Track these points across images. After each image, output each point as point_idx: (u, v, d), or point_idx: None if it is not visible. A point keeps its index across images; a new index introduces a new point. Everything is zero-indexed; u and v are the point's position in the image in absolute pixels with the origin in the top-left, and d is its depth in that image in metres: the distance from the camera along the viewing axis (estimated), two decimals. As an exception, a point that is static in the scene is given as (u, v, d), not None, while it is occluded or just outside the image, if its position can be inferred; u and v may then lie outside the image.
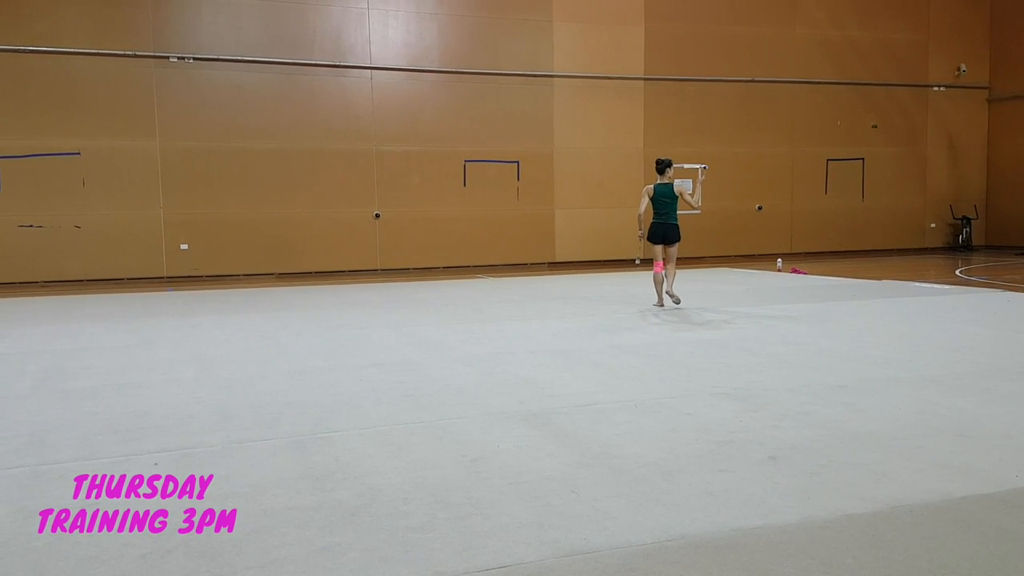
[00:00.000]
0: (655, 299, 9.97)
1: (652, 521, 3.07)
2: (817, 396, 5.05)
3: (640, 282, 13.69)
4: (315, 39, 15.86)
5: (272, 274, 15.75)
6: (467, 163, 16.91)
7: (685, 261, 18.20)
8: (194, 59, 15.04)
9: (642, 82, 17.94)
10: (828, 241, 19.72)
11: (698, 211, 11.05)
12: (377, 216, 16.41)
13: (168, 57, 14.88)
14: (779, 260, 16.32)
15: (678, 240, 9.82)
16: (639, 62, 17.87)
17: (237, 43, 15.36)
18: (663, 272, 9.76)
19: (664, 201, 9.71)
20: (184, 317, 9.87)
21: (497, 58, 16.97)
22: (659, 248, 9.76)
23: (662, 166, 9.81)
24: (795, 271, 15.05)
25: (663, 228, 9.71)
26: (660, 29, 17.91)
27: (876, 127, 19.84)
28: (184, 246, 15.21)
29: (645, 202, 9.84)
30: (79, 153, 14.40)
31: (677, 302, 9.77)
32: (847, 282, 12.99)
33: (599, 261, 17.73)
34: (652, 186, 9.81)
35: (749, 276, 14.60)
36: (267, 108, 15.57)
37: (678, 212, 9.80)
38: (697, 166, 10.86)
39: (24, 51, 14.05)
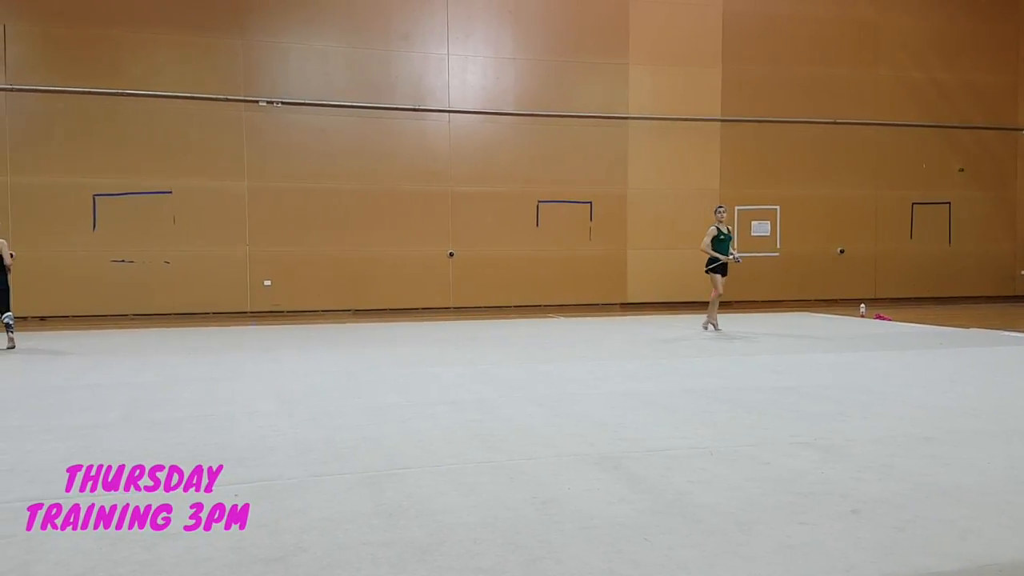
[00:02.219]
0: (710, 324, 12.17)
1: (728, 574, 2.99)
2: (902, 447, 4.86)
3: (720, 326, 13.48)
4: (397, 84, 16.33)
5: (349, 310, 16.08)
6: (540, 203, 17.04)
7: (762, 304, 17.91)
8: (282, 103, 15.66)
9: (719, 123, 17.85)
10: (913, 287, 19.08)
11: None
12: (451, 255, 16.64)
13: (258, 101, 15.53)
14: (862, 306, 15.86)
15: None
16: (716, 104, 17.81)
17: (323, 88, 15.94)
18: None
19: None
20: (266, 351, 10.14)
21: (572, 101, 17.15)
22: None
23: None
24: (879, 317, 14.59)
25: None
26: (738, 71, 17.83)
27: (963, 171, 19.22)
28: (267, 282, 15.69)
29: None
30: (171, 192, 15.09)
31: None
32: (933, 329, 12.53)
33: (672, 303, 17.55)
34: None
35: (830, 321, 14.21)
36: (349, 150, 16.06)
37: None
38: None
39: (122, 94, 14.85)
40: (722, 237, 12.08)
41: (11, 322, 10.54)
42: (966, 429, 5.36)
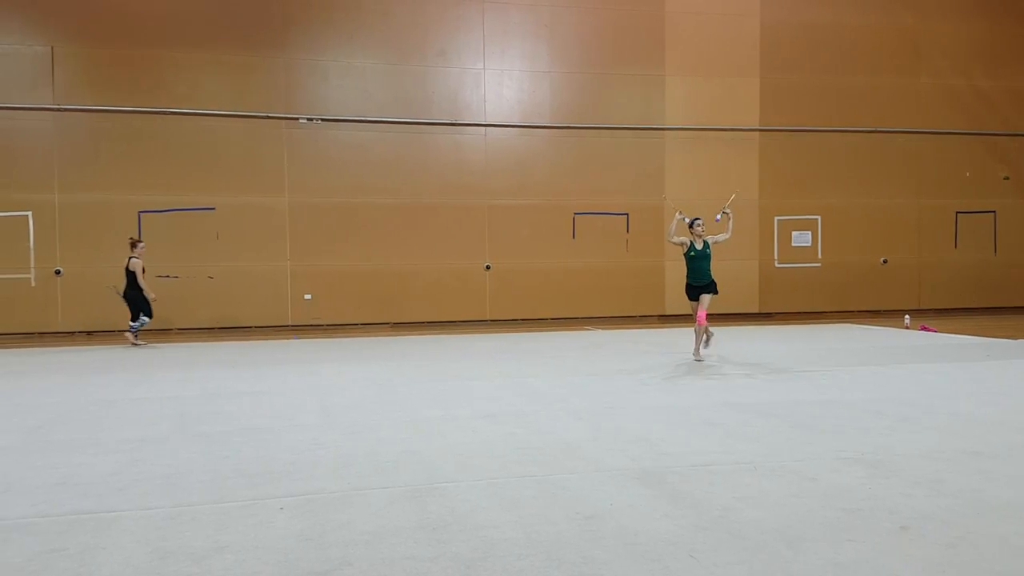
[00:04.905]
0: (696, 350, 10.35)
1: (775, 590, 2.96)
2: (951, 463, 4.77)
3: (757, 337, 13.35)
4: (433, 99, 16.48)
5: (387, 323, 16.19)
6: (576, 215, 17.03)
7: (804, 316, 17.67)
8: (321, 120, 15.88)
9: (757, 133, 17.71)
10: (958, 297, 18.69)
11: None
12: (488, 268, 16.69)
13: (298, 118, 15.77)
14: (907, 317, 15.57)
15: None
16: (754, 113, 17.68)
17: (362, 104, 16.13)
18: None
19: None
20: (307, 364, 10.26)
21: (608, 112, 17.15)
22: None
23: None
24: (924, 328, 14.32)
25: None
26: (776, 80, 17.69)
27: (1008, 179, 18.82)
28: (308, 296, 15.87)
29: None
30: (214, 208, 15.36)
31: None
32: (981, 341, 12.26)
33: (711, 315, 17.37)
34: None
35: (874, 333, 13.98)
36: (387, 165, 16.22)
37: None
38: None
39: (166, 113, 15.18)
40: (692, 254, 10.22)
41: (137, 328, 12.98)
42: (1016, 443, 5.24)
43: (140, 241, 13.48)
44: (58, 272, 14.71)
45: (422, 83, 16.41)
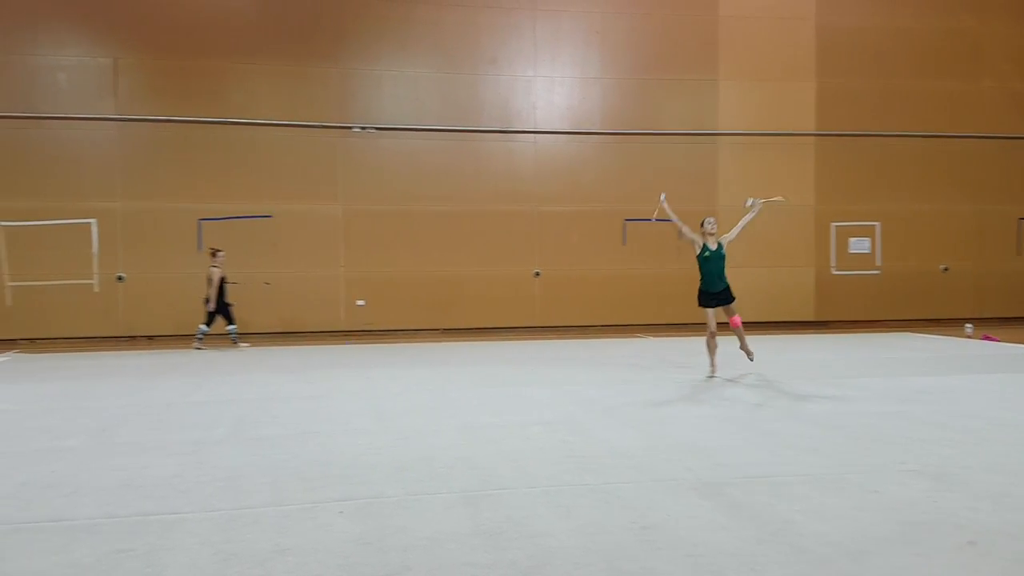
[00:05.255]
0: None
1: (840, 605, 2.90)
2: (1018, 476, 4.62)
3: (813, 346, 13.11)
4: (484, 107, 16.57)
5: (438, 329, 16.30)
6: (627, 222, 16.94)
7: (862, 324, 17.26)
8: (374, 129, 16.08)
9: (813, 138, 17.42)
10: (1021, 306, 18.08)
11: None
12: (537, 274, 16.70)
13: (351, 127, 16.00)
14: (968, 326, 15.13)
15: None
16: (810, 118, 17.39)
17: (413, 113, 16.30)
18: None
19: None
20: (360, 369, 10.38)
21: (659, 118, 17.04)
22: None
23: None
24: (987, 338, 13.90)
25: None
26: (832, 84, 17.38)
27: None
28: (360, 302, 16.07)
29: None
30: (271, 216, 15.66)
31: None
32: (1048, 351, 11.85)
33: (765, 323, 17.12)
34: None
35: (935, 342, 13.62)
36: (438, 173, 16.35)
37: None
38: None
39: (225, 123, 15.52)
40: (706, 254, 9.29)
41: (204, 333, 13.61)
42: (1092, 459, 5.05)
43: (220, 250, 13.89)
44: (120, 278, 15.13)
45: (473, 91, 16.52)
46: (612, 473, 4.81)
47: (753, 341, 13.89)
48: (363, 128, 16.01)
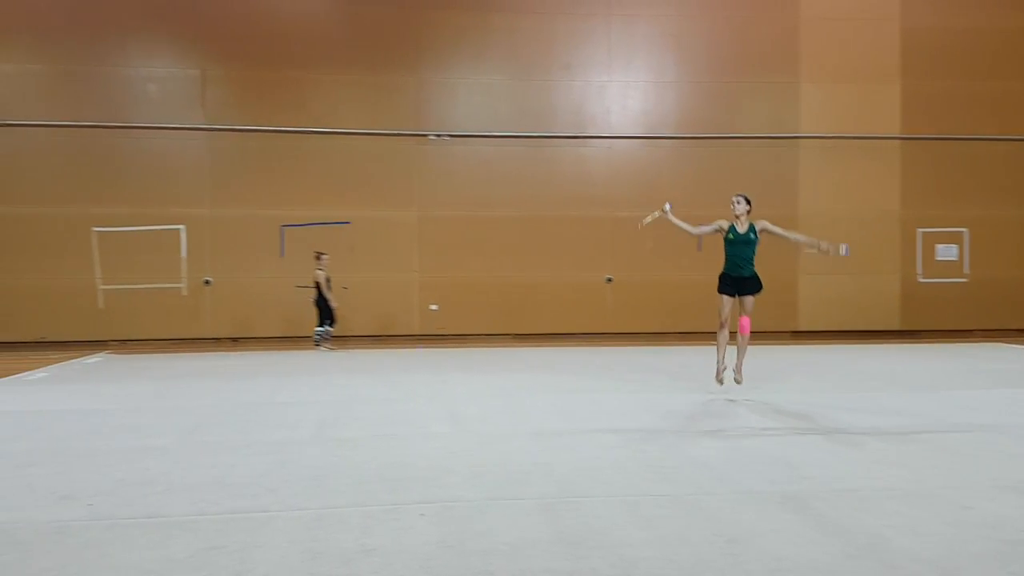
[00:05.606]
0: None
1: (935, 627, 2.80)
2: None
3: (899, 356, 12.70)
4: (558, 113, 16.61)
5: (509, 334, 16.36)
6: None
7: (949, 334, 16.61)
8: (449, 136, 16.29)
9: (899, 142, 16.89)
10: (1124, 315, 17.16)
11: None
12: (609, 280, 16.62)
13: (427, 135, 16.25)
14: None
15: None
16: (895, 121, 16.86)
17: (488, 120, 16.46)
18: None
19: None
20: (434, 374, 10.51)
21: (737, 122, 16.78)
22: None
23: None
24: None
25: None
26: (918, 86, 16.82)
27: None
28: (434, 307, 16.28)
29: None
30: (349, 222, 16.01)
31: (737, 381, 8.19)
32: None
33: (848, 331, 16.66)
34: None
35: (1027, 353, 13.03)
36: (511, 178, 16.45)
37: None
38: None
39: (306, 132, 15.95)
40: (731, 237, 8.19)
41: (323, 335, 14.19)
42: None
43: (324, 253, 14.39)
44: (207, 282, 15.69)
45: (547, 97, 16.57)
46: (692, 484, 4.75)
47: (836, 350, 13.43)
48: (438, 135, 16.24)
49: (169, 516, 4.18)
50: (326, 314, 14.21)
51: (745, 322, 8.05)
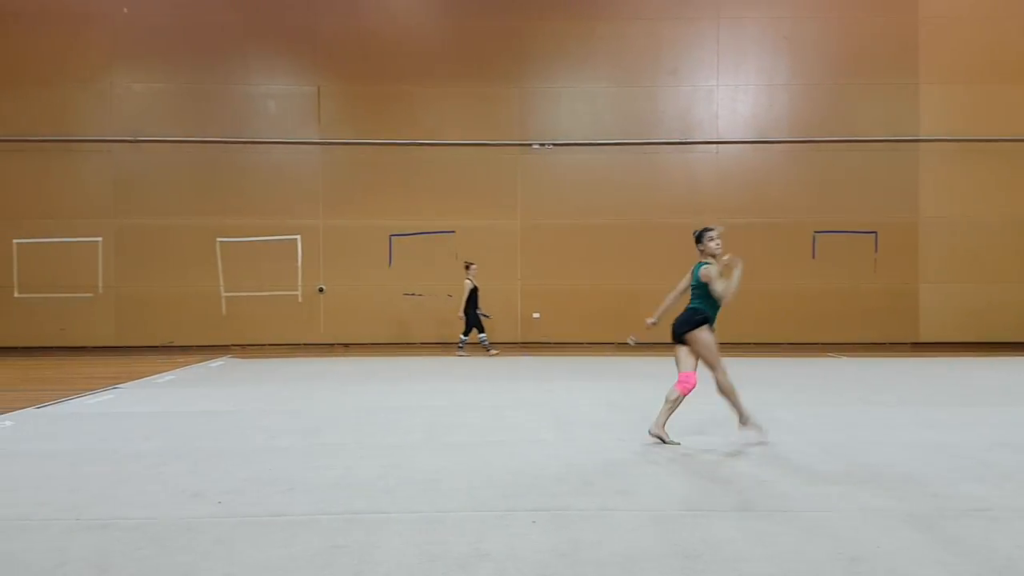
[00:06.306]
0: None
1: (1083, 660, 2.64)
2: None
3: (1028, 369, 11.94)
4: (663, 118, 16.42)
5: (611, 343, 16.25)
6: (817, 234, 16.19)
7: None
8: (553, 145, 16.37)
9: (1026, 144, 15.92)
10: None
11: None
12: (716, 288, 16.27)
13: (531, 144, 16.37)
14: None
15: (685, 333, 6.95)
16: (1022, 123, 15.90)
17: (591, 127, 16.44)
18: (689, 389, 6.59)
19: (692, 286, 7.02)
20: (539, 382, 10.56)
21: (852, 125, 16.16)
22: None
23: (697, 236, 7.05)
24: None
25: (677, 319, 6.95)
26: (1049, 85, 15.82)
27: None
28: (536, 315, 16.36)
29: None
30: (454, 231, 16.30)
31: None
32: None
33: (974, 343, 15.77)
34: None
35: None
36: (615, 186, 16.35)
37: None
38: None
39: (414, 144, 16.35)
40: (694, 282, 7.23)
41: (485, 344, 14.76)
42: None
43: (473, 263, 14.83)
44: (321, 289, 16.27)
45: (651, 103, 16.42)
46: (811, 500, 4.61)
47: (959, 363, 12.79)
48: (542, 145, 16.34)
49: (293, 515, 4.35)
50: (473, 321, 14.63)
51: (683, 377, 6.71)
